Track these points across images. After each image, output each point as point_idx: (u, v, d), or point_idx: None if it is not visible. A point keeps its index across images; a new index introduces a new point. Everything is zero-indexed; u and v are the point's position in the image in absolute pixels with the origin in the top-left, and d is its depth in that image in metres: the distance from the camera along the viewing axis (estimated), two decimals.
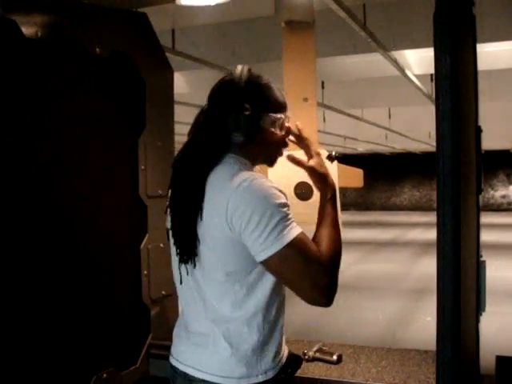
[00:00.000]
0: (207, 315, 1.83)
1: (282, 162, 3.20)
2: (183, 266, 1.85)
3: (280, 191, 1.76)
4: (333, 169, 3.14)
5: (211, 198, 1.76)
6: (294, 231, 1.71)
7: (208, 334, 1.83)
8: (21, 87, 2.25)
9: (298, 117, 3.30)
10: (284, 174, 3.03)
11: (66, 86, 2.44)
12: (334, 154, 3.01)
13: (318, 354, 2.58)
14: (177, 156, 1.90)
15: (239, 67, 1.90)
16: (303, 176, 3.10)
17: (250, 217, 1.68)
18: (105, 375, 2.56)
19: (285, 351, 1.95)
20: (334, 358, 2.54)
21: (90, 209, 2.55)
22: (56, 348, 2.36)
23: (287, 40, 3.24)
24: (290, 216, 1.73)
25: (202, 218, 1.77)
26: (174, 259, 1.90)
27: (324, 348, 2.64)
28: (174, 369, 1.91)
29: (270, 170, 3.21)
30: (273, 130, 1.88)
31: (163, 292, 2.87)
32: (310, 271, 1.73)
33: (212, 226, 1.75)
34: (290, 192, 3.12)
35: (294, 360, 2.00)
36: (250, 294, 1.79)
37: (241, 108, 1.81)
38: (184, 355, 1.90)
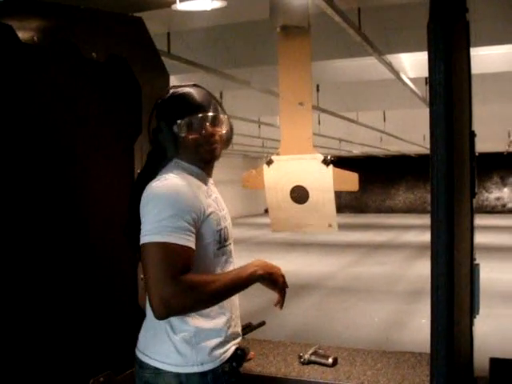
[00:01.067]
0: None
1: (277, 166, 3.26)
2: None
3: (191, 200, 1.91)
4: (328, 173, 3.18)
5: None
6: (170, 238, 1.83)
7: (154, 323, 1.95)
8: (17, 92, 2.26)
9: (293, 121, 3.35)
10: (280, 179, 3.07)
11: (62, 91, 2.45)
12: (329, 157, 3.04)
13: (313, 357, 2.59)
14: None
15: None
16: (299, 180, 3.15)
17: (144, 207, 1.90)
18: (101, 379, 2.57)
19: (232, 347, 2.05)
20: (330, 360, 2.56)
21: (86, 212, 2.55)
22: (53, 351, 2.36)
23: (282, 45, 3.26)
24: (180, 224, 1.85)
25: None
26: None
27: (319, 351, 2.65)
28: (135, 357, 2.08)
29: (267, 175, 3.26)
30: (187, 134, 2.03)
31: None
32: (158, 277, 1.81)
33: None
34: (287, 195, 3.15)
35: (238, 354, 2.07)
36: None
37: (157, 125, 2.07)
38: (139, 342, 2.08)
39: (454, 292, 1.75)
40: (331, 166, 3.04)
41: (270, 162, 3.21)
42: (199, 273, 1.90)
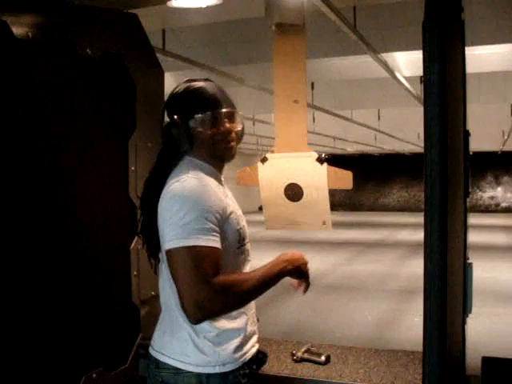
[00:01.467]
0: (173, 305, 1.94)
1: (272, 164, 3.26)
2: (152, 261, 2.04)
3: (213, 200, 1.88)
4: (322, 171, 3.19)
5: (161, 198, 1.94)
6: (199, 241, 1.80)
7: (174, 323, 1.95)
8: (11, 88, 2.26)
9: (288, 119, 3.35)
10: (274, 176, 3.07)
11: (56, 87, 2.44)
12: (323, 155, 3.05)
13: (306, 355, 2.60)
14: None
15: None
16: (293, 177, 3.16)
17: (169, 211, 1.85)
18: (94, 375, 2.57)
19: (252, 349, 2.04)
20: (322, 358, 2.56)
21: (80, 210, 2.55)
22: (45, 348, 2.36)
23: (278, 43, 3.26)
24: (206, 225, 1.82)
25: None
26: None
27: (312, 349, 2.65)
28: (149, 356, 2.05)
29: (261, 172, 3.26)
30: (204, 129, 1.99)
31: (153, 292, 2.87)
32: (191, 281, 1.79)
33: (159, 226, 1.92)
34: (281, 193, 3.15)
35: (259, 357, 2.08)
36: None
37: (171, 119, 2.01)
38: (156, 341, 2.04)
39: (446, 291, 1.76)
40: (325, 164, 3.05)
41: (264, 160, 3.21)
42: (222, 273, 1.86)
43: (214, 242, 1.83)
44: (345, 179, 3.16)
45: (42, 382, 2.34)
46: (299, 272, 2.07)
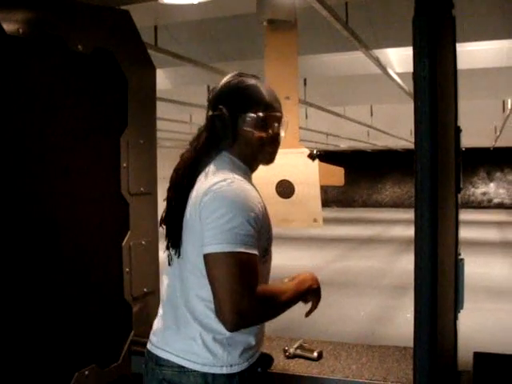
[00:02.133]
0: (183, 303, 1.92)
1: None
2: (169, 252, 1.96)
3: (256, 206, 1.83)
4: (314, 167, 3.18)
5: (194, 196, 1.86)
6: (243, 248, 1.75)
7: (181, 320, 1.92)
8: (1, 84, 2.24)
9: None
10: (266, 172, 3.06)
11: (47, 84, 2.43)
12: (315, 152, 3.05)
13: (298, 351, 2.60)
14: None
15: (229, 73, 2.00)
16: (285, 174, 3.15)
17: (213, 212, 1.77)
18: (86, 372, 2.57)
19: (258, 351, 2.01)
20: (315, 354, 2.56)
21: (72, 206, 2.54)
22: (38, 345, 2.36)
23: (269, 39, 3.26)
24: (250, 231, 1.77)
25: (186, 216, 1.88)
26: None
27: (305, 345, 2.66)
28: (148, 353, 2.01)
29: None
30: (251, 129, 1.93)
31: (145, 289, 2.87)
32: (234, 289, 1.74)
33: (191, 224, 1.86)
34: (272, 190, 3.15)
35: (265, 359, 2.06)
36: None
37: (218, 110, 1.92)
38: (156, 338, 2.00)
39: (437, 287, 1.76)
40: (317, 161, 3.04)
41: None
42: None
43: (255, 249, 1.79)
44: (336, 175, 3.16)
45: (34, 379, 2.34)
46: (318, 293, 2.09)
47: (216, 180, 1.83)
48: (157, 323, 2.05)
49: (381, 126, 14.25)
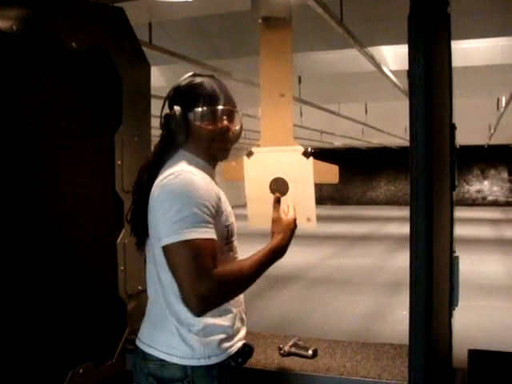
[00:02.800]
0: (160, 297, 1.97)
1: (257, 158, 3.28)
2: (142, 252, 2.06)
3: (208, 193, 1.88)
4: (308, 165, 3.18)
5: (152, 192, 1.94)
6: (195, 234, 1.80)
7: (161, 316, 1.97)
8: None
9: (274, 112, 3.34)
10: (259, 170, 3.08)
11: (41, 81, 2.42)
12: (309, 150, 3.05)
13: (293, 349, 2.60)
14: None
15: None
16: (278, 172, 3.15)
17: (163, 206, 1.85)
18: (81, 370, 2.56)
19: (238, 343, 2.05)
20: (310, 352, 2.56)
21: (66, 204, 2.53)
22: (32, 343, 2.35)
23: (264, 36, 3.24)
24: (201, 218, 1.83)
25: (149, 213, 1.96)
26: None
27: (299, 342, 2.66)
28: (137, 348, 2.06)
29: (247, 166, 3.26)
30: (202, 124, 2.01)
31: (139, 287, 2.87)
32: (192, 275, 1.79)
33: (150, 220, 1.94)
34: (266, 188, 3.15)
35: (245, 350, 2.08)
36: None
37: (170, 110, 2.03)
38: (144, 334, 2.05)
39: (432, 284, 1.76)
40: (311, 158, 3.04)
41: (250, 154, 3.17)
42: None
43: (211, 233, 1.84)
44: (331, 173, 3.14)
45: (29, 377, 2.33)
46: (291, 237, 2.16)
47: (164, 175, 1.91)
48: (144, 320, 2.10)
49: (375, 124, 14.27)
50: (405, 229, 1.93)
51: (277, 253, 2.04)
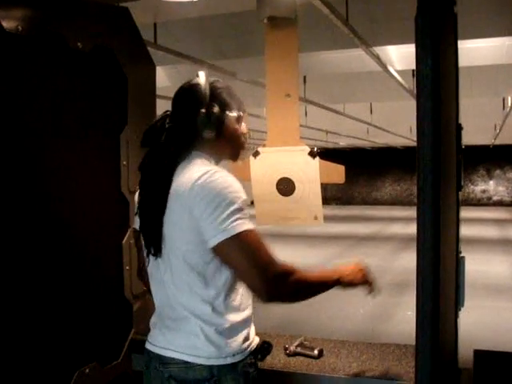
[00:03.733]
0: (178, 301, 1.96)
1: (264, 158, 3.29)
2: (153, 259, 2.01)
3: (239, 187, 1.90)
4: (314, 165, 3.18)
5: (176, 192, 1.90)
6: (246, 226, 1.83)
7: (180, 318, 1.96)
8: (0, 82, 2.24)
9: (280, 113, 3.35)
10: (266, 171, 3.10)
11: (47, 81, 2.42)
12: (315, 149, 3.05)
13: (299, 349, 2.60)
14: (144, 160, 2.04)
15: (200, 73, 2.06)
16: (285, 172, 3.16)
17: (208, 205, 1.83)
18: (87, 370, 2.56)
19: (255, 339, 2.08)
20: (315, 352, 2.56)
21: (72, 204, 2.54)
22: (39, 343, 2.35)
23: (270, 36, 3.25)
24: (245, 211, 1.86)
25: (167, 213, 1.91)
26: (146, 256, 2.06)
27: (305, 342, 2.66)
28: (149, 353, 2.05)
29: (253, 166, 3.27)
30: (236, 126, 2.08)
31: (145, 287, 2.87)
32: (255, 263, 1.82)
33: (176, 220, 1.89)
34: (273, 187, 3.16)
35: (264, 347, 2.11)
36: (209, 283, 1.91)
37: (209, 107, 1.99)
38: (158, 338, 2.03)
39: (439, 284, 1.76)
40: (318, 158, 3.04)
41: (256, 154, 3.22)
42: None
43: (251, 224, 1.88)
44: (337, 173, 3.16)
45: (36, 377, 2.33)
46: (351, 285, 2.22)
47: (198, 174, 1.88)
48: (154, 325, 2.09)
49: (380, 124, 14.25)
50: (410, 229, 1.94)
51: (337, 276, 2.12)
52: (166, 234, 1.92)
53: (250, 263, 1.82)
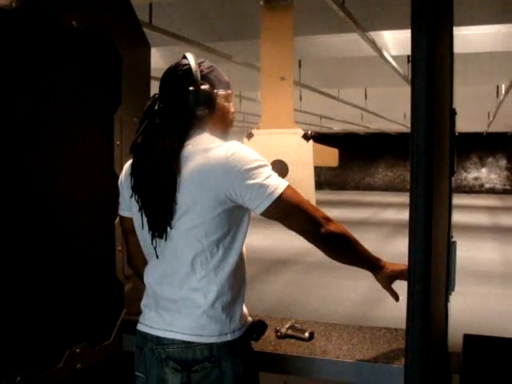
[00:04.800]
0: (180, 282, 1.96)
1: (257, 140, 3.31)
2: (155, 240, 2.00)
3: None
4: (308, 147, 3.19)
5: (192, 170, 1.91)
6: (282, 184, 1.91)
7: (181, 299, 1.97)
8: None
9: (275, 95, 3.34)
10: (259, 152, 3.09)
11: (40, 59, 2.40)
12: (309, 133, 3.06)
13: (289, 331, 2.61)
14: (137, 140, 2.05)
15: (187, 55, 2.10)
16: (278, 154, 3.17)
17: (242, 178, 1.87)
18: (78, 350, 2.57)
19: (248, 316, 2.13)
20: (306, 335, 2.57)
21: (64, 184, 2.53)
22: (29, 321, 2.36)
23: (266, 19, 3.24)
24: (273, 171, 1.94)
25: (178, 192, 1.91)
26: (143, 236, 2.07)
27: (296, 325, 2.66)
28: (144, 335, 2.05)
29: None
30: (226, 104, 2.12)
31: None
32: (306, 207, 1.95)
33: (196, 196, 1.90)
34: None
35: (260, 325, 2.17)
36: (225, 256, 1.95)
37: (200, 85, 2.02)
38: (155, 320, 2.03)
39: (430, 267, 1.77)
40: (311, 141, 3.05)
41: (250, 136, 3.27)
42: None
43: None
44: (331, 156, 3.21)
45: (26, 356, 2.34)
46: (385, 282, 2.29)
47: (220, 151, 1.91)
48: (147, 307, 2.09)
49: (375, 109, 14.25)
50: (402, 215, 1.95)
51: (376, 263, 2.32)
52: (178, 212, 1.92)
53: (299, 213, 1.93)
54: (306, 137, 3.05)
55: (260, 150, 3.13)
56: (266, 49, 3.28)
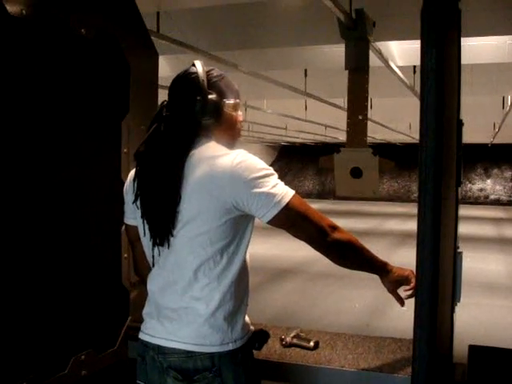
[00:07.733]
0: (182, 291, 1.95)
1: (343, 154, 4.84)
2: (156, 248, 2.00)
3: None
4: (375, 159, 4.81)
5: (198, 178, 1.90)
6: (289, 193, 1.91)
7: (181, 308, 1.96)
8: (3, 66, 2.23)
9: (354, 127, 4.89)
10: (345, 162, 5.29)
11: (50, 67, 2.42)
12: (376, 151, 4.97)
13: (295, 340, 2.61)
14: (141, 148, 2.06)
15: (196, 62, 2.08)
16: (356, 163, 4.80)
17: (247, 187, 1.86)
18: (83, 357, 2.57)
19: (250, 326, 2.10)
20: (311, 344, 2.57)
21: (71, 191, 2.54)
22: (35, 328, 2.36)
23: (350, 82, 5.20)
24: (279, 180, 1.94)
25: (182, 200, 1.90)
26: (146, 242, 2.07)
27: (301, 334, 2.66)
28: (146, 343, 2.04)
29: (336, 159, 4.81)
30: (234, 113, 2.10)
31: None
32: (313, 215, 1.95)
33: (202, 204, 1.89)
34: (348, 172, 4.94)
35: (262, 334, 2.15)
36: (229, 264, 1.94)
37: (206, 94, 2.00)
38: (156, 329, 2.01)
39: (438, 278, 1.77)
40: (377, 156, 4.79)
41: (338, 151, 4.95)
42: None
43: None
44: (388, 165, 5.07)
45: (32, 362, 2.34)
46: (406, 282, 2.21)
47: (226, 159, 1.90)
48: (148, 315, 2.08)
49: (380, 120, 14.25)
50: (406, 225, 1.96)
51: (386, 264, 2.23)
52: (180, 220, 1.92)
53: (305, 221, 1.92)
54: (374, 153, 4.82)
55: (345, 159, 4.88)
56: (351, 100, 4.99)
